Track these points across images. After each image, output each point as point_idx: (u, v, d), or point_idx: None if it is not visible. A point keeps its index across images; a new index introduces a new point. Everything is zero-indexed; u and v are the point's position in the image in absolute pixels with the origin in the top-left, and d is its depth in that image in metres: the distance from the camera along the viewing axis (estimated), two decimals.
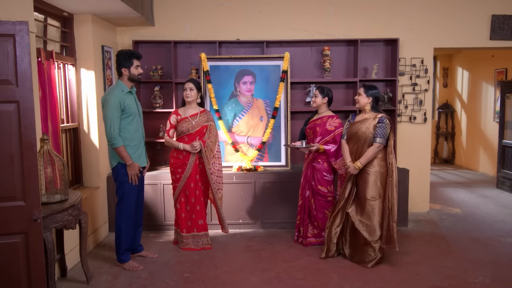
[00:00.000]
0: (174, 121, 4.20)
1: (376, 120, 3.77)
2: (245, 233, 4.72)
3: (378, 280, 3.54)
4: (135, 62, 3.69)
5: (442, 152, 9.47)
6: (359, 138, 3.82)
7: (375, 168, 3.78)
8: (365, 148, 3.78)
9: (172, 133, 4.21)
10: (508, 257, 4.03)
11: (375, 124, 3.75)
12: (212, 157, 4.23)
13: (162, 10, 5.16)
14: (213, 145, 4.22)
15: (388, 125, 3.76)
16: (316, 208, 4.27)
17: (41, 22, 3.89)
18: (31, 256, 2.62)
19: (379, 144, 3.74)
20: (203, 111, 4.25)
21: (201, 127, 4.16)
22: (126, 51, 3.70)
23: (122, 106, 3.59)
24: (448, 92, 9.48)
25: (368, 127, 3.78)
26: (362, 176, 3.83)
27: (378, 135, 3.73)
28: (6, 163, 2.55)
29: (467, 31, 5.30)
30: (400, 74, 5.24)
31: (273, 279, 3.57)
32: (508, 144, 6.60)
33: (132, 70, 3.68)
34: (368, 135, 3.76)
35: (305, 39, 5.11)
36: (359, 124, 3.85)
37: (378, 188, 3.76)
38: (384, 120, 3.75)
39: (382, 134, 3.73)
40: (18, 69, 2.54)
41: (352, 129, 3.89)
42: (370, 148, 3.74)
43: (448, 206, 5.81)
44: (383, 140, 3.74)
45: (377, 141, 3.74)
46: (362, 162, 3.75)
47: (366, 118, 3.85)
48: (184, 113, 4.18)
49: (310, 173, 4.30)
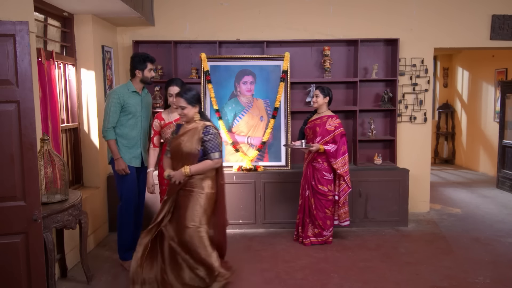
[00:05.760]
0: (158, 126, 3.77)
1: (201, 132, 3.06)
2: (245, 233, 4.72)
3: (378, 280, 3.54)
4: (149, 65, 3.78)
5: (442, 152, 9.47)
6: (183, 155, 3.07)
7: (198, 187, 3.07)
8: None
9: (156, 140, 3.79)
10: (508, 257, 4.03)
11: (201, 137, 3.05)
12: None
13: (162, 10, 5.16)
14: None
15: (218, 136, 3.11)
16: (316, 208, 4.27)
17: (41, 22, 3.89)
18: (31, 256, 2.62)
19: (218, 161, 3.09)
20: None
21: None
22: (141, 54, 3.80)
23: (121, 103, 3.68)
24: (448, 92, 9.47)
25: (191, 141, 3.06)
26: (185, 195, 3.07)
27: (211, 149, 3.05)
28: (6, 163, 2.55)
29: (467, 31, 5.29)
30: (400, 74, 5.24)
31: (273, 279, 3.57)
32: (508, 144, 6.59)
33: (146, 73, 3.77)
34: (194, 151, 3.04)
35: (305, 39, 5.11)
36: (183, 137, 3.10)
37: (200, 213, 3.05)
38: (210, 131, 3.07)
39: (214, 146, 3.06)
40: (18, 69, 2.54)
41: (174, 143, 3.15)
42: (208, 161, 3.05)
43: (448, 206, 5.80)
44: (219, 154, 3.08)
45: (216, 157, 3.05)
46: (192, 170, 3.01)
47: (191, 128, 3.11)
48: (168, 117, 3.75)
49: (310, 172, 4.30)
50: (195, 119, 3.12)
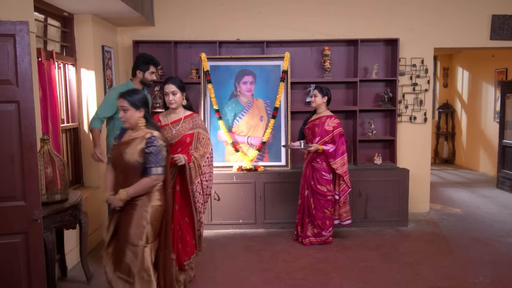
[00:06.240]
0: None
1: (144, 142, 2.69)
2: (245, 233, 4.72)
3: (378, 280, 3.54)
4: (152, 68, 3.77)
5: (442, 152, 9.47)
6: (124, 167, 2.72)
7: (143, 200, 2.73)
8: (135, 181, 2.70)
9: None
10: (508, 257, 4.03)
11: (143, 147, 2.69)
12: (200, 174, 3.36)
13: (162, 10, 5.16)
14: (202, 158, 3.35)
15: (163, 148, 2.74)
16: (316, 208, 4.27)
17: (41, 22, 3.89)
18: (31, 256, 2.61)
19: (157, 177, 2.71)
20: (189, 116, 3.41)
21: (183, 137, 3.33)
22: (146, 56, 3.78)
23: None
24: (448, 92, 9.47)
25: (133, 152, 2.69)
26: (128, 209, 2.72)
27: (151, 163, 2.68)
28: (6, 163, 2.55)
29: (467, 31, 5.29)
30: (400, 74, 5.24)
31: (273, 279, 3.57)
32: (508, 144, 6.59)
33: (147, 75, 3.77)
34: (134, 163, 2.68)
35: (305, 39, 5.11)
36: (126, 145, 2.74)
37: (148, 229, 2.69)
38: (154, 142, 2.69)
39: (157, 160, 2.69)
40: (18, 69, 2.54)
41: (115, 152, 2.80)
42: (145, 180, 2.68)
43: (448, 206, 5.80)
44: (161, 169, 2.71)
45: (157, 172, 2.69)
46: (130, 193, 2.67)
47: (135, 137, 2.75)
48: (165, 119, 3.42)
49: (310, 172, 4.30)
50: (140, 125, 2.76)
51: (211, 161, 3.47)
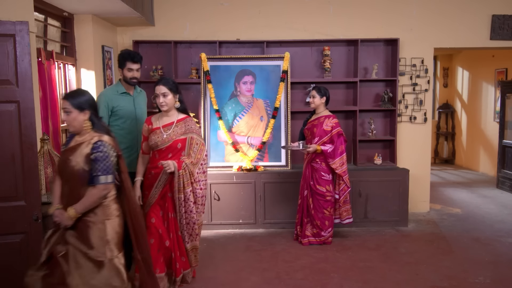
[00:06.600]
0: (146, 131, 3.27)
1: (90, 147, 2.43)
2: (245, 233, 4.72)
3: (378, 280, 3.54)
4: (128, 64, 3.41)
5: (442, 152, 9.47)
6: (70, 176, 2.45)
7: (98, 216, 2.46)
8: (82, 191, 2.43)
9: (145, 146, 3.30)
10: (508, 257, 4.03)
11: (88, 153, 2.42)
12: (193, 182, 3.18)
13: (162, 10, 5.17)
14: (195, 166, 3.18)
15: (111, 154, 2.48)
16: (315, 208, 4.27)
17: (41, 22, 3.89)
18: (31, 256, 2.61)
19: (105, 187, 2.44)
20: (182, 120, 3.23)
21: (174, 142, 3.15)
22: (123, 52, 3.48)
23: (110, 107, 3.39)
24: (448, 92, 9.47)
25: (77, 159, 2.42)
26: (80, 226, 2.44)
27: (98, 171, 2.41)
28: (6, 163, 2.56)
29: (467, 31, 5.29)
30: (400, 74, 5.24)
31: (273, 279, 3.57)
32: (508, 144, 6.59)
33: (125, 72, 3.44)
34: (80, 171, 2.41)
35: (305, 39, 5.11)
36: (71, 152, 2.46)
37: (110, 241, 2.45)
38: (100, 147, 2.42)
39: (105, 167, 2.43)
40: (18, 69, 2.54)
41: (61, 159, 2.55)
42: (92, 191, 2.41)
43: (448, 206, 5.80)
44: (111, 177, 2.46)
45: (106, 181, 2.43)
46: (79, 210, 2.39)
47: (81, 142, 2.48)
48: (157, 122, 3.23)
49: (309, 173, 4.30)
50: (85, 128, 2.48)
51: (206, 168, 3.33)
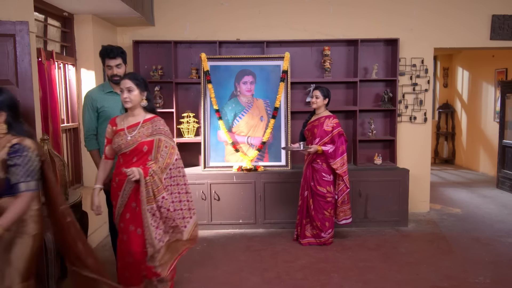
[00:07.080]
0: (109, 133, 2.87)
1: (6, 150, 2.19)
2: (245, 233, 4.72)
3: (378, 280, 3.54)
4: (106, 61, 3.15)
5: (442, 152, 9.47)
6: None
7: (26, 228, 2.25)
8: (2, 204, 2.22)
9: (108, 151, 2.90)
10: (508, 257, 4.03)
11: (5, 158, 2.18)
12: (163, 188, 2.77)
13: (162, 10, 5.17)
14: (163, 171, 2.77)
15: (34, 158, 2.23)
16: (315, 209, 4.27)
17: (41, 22, 3.89)
18: None
19: (29, 195, 2.20)
20: (149, 120, 2.84)
21: (139, 144, 2.75)
22: (102, 48, 3.19)
23: (95, 108, 3.20)
24: (448, 92, 9.47)
25: None
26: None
27: (20, 177, 2.17)
28: None
29: (467, 31, 5.29)
30: (400, 74, 5.24)
31: (273, 279, 3.57)
32: (508, 144, 6.59)
33: (106, 70, 3.21)
34: None
35: (305, 39, 5.11)
36: None
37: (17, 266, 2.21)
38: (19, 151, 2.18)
39: (28, 173, 2.19)
40: (18, 69, 2.55)
41: None
42: (15, 202, 2.17)
43: (448, 206, 5.80)
44: (35, 183, 2.22)
45: (22, 189, 2.17)
46: (4, 225, 2.12)
47: None
48: (122, 123, 2.84)
49: (310, 173, 4.30)
50: (1, 131, 2.22)
51: (184, 172, 2.92)
